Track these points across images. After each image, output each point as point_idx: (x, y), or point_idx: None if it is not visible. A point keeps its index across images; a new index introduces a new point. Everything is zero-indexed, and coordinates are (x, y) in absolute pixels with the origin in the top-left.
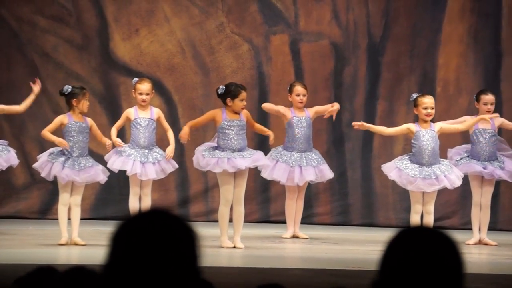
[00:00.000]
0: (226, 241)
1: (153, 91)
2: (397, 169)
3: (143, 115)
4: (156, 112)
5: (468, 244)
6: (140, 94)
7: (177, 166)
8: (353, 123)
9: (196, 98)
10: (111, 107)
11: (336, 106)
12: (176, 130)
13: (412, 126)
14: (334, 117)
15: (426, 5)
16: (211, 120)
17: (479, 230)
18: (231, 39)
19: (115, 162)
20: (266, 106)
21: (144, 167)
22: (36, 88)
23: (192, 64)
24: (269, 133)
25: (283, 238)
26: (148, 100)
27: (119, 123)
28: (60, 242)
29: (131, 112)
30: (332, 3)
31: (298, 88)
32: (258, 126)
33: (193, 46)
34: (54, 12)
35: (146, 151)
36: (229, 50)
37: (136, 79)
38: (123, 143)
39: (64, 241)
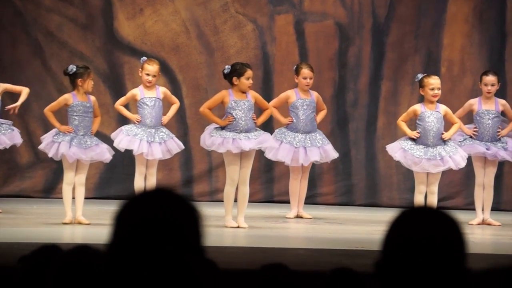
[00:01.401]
0: (230, 221)
1: (159, 73)
2: (402, 150)
3: (149, 94)
4: (162, 91)
5: (472, 224)
6: (147, 74)
7: (183, 146)
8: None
9: (201, 77)
10: (115, 86)
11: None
12: (180, 110)
13: (417, 107)
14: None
15: None
16: (220, 102)
17: (483, 210)
18: (236, 19)
19: (122, 141)
20: (274, 104)
21: (150, 146)
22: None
23: (197, 43)
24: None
25: (287, 218)
26: (154, 81)
27: (123, 101)
28: (65, 221)
29: (137, 92)
30: None
31: (305, 71)
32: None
33: (198, 26)
34: None
35: (153, 130)
36: (234, 30)
37: (144, 58)
38: (138, 118)
39: (69, 220)
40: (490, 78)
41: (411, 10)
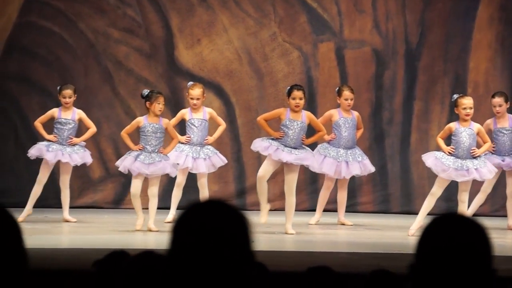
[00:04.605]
0: (264, 213)
1: (204, 94)
2: (434, 158)
3: (197, 116)
4: (208, 112)
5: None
6: (192, 98)
7: (226, 161)
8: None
9: (252, 100)
10: (176, 108)
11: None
12: (234, 129)
13: (452, 125)
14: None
15: (458, 15)
16: (277, 117)
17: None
18: (283, 47)
19: (170, 156)
20: (321, 121)
21: (195, 161)
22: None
23: (248, 69)
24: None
25: (309, 224)
26: (199, 104)
27: (174, 122)
28: (135, 227)
29: (186, 113)
30: (373, 14)
31: (347, 93)
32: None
33: (249, 54)
34: (125, 24)
35: (199, 148)
36: (281, 57)
37: (190, 83)
38: (188, 138)
39: (139, 226)
40: (496, 100)
41: (440, 38)
